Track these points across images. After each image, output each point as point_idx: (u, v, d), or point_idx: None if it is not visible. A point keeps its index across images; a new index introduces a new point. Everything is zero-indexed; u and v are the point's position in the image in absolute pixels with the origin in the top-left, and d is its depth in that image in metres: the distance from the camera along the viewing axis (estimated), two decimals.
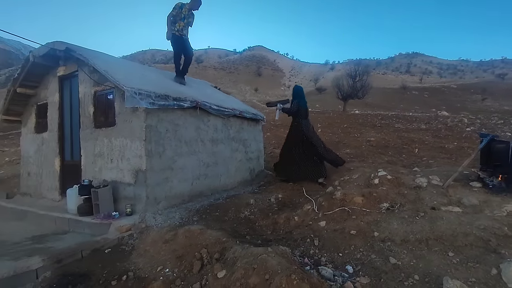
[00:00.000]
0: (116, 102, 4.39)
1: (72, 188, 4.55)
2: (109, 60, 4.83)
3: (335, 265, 2.94)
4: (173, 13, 5.44)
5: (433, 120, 15.93)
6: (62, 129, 5.39)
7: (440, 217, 3.38)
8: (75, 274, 3.06)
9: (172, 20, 5.45)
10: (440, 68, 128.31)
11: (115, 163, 4.40)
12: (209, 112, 5.08)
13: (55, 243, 3.71)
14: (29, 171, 6.05)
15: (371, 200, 3.96)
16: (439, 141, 9.85)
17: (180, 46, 5.62)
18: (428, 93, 58.70)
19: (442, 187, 4.13)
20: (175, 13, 5.46)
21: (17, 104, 6.05)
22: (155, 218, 4.03)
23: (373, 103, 43.57)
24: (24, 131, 6.24)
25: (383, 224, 3.45)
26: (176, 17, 5.47)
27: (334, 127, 14.68)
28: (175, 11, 5.46)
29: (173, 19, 5.45)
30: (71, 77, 5.20)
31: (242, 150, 6.12)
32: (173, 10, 5.45)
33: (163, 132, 4.30)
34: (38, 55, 4.92)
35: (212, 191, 5.19)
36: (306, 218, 3.90)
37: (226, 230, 3.64)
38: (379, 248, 3.09)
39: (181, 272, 2.96)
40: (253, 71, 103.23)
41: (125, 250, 3.55)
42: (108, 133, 4.49)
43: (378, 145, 9.81)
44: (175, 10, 5.45)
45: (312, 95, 59.15)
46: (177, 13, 5.47)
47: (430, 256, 2.84)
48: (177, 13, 5.47)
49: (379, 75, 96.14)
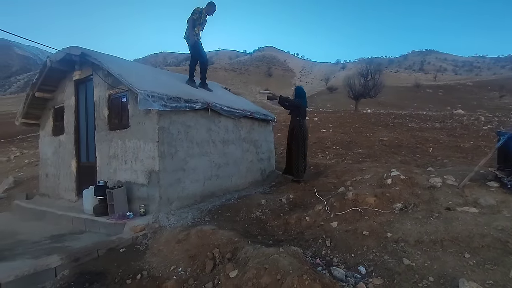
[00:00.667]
0: (130, 105, 4.49)
1: (88, 189, 4.67)
2: (122, 64, 4.94)
3: (347, 266, 2.92)
4: (193, 17, 5.52)
5: (448, 118, 15.57)
6: (78, 132, 5.55)
7: (456, 218, 3.31)
8: (92, 273, 3.15)
9: (192, 24, 5.54)
10: (455, 65, 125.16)
11: (129, 164, 4.50)
12: (220, 113, 5.13)
13: (72, 243, 3.82)
14: (47, 173, 6.25)
15: (384, 201, 3.90)
16: (454, 140, 9.62)
17: (198, 51, 5.73)
18: (442, 91, 57.35)
19: (457, 187, 4.03)
20: (196, 17, 5.54)
21: (36, 108, 6.27)
22: (168, 218, 4.10)
23: (386, 102, 42.89)
24: (42, 134, 6.45)
25: (396, 224, 3.40)
26: (196, 21, 5.56)
27: (346, 127, 14.55)
28: (196, 16, 5.54)
29: (192, 24, 5.54)
30: (86, 81, 5.34)
31: (253, 150, 6.14)
32: (193, 15, 5.53)
33: (175, 134, 4.37)
34: (55, 60, 5.08)
35: (224, 191, 5.23)
36: (318, 219, 3.89)
37: (237, 230, 3.66)
38: (392, 249, 3.05)
39: (194, 272, 3.00)
40: (263, 71, 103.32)
41: (139, 250, 3.63)
42: (122, 135, 4.59)
43: (391, 145, 9.67)
44: (195, 15, 5.53)
45: (323, 95, 58.74)
46: (197, 18, 5.57)
47: (445, 258, 2.78)
48: (197, 18, 5.57)
49: (391, 74, 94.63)
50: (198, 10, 5.58)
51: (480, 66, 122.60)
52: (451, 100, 46.46)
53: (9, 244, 3.90)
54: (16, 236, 4.28)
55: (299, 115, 5.67)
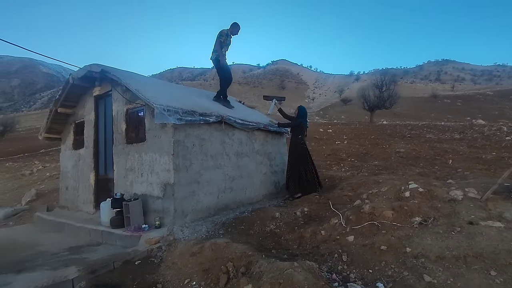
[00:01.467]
0: (147, 119, 4.62)
1: (105, 202, 4.78)
2: (140, 80, 5.12)
3: (365, 282, 2.83)
4: (220, 40, 5.75)
5: (468, 129, 15.10)
6: (97, 145, 5.73)
7: (479, 233, 3.16)
8: (108, 285, 3.18)
9: (219, 47, 5.77)
10: (474, 75, 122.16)
11: (145, 177, 4.58)
12: (233, 126, 5.18)
13: (89, 254, 3.89)
14: (67, 185, 6.45)
15: (402, 214, 3.78)
16: (475, 151, 9.28)
17: (226, 71, 6.02)
18: (461, 101, 55.90)
19: (480, 200, 3.86)
20: (222, 40, 5.78)
21: (58, 123, 6.54)
22: (182, 231, 4.12)
23: (402, 113, 42.13)
24: (63, 148, 6.70)
25: (415, 239, 3.28)
26: (222, 44, 5.80)
27: (361, 139, 14.35)
28: (222, 38, 5.77)
29: (219, 46, 5.77)
30: (106, 96, 5.55)
31: (267, 163, 6.14)
32: (220, 37, 5.76)
33: (190, 147, 4.44)
34: (77, 77, 5.33)
35: (238, 204, 5.22)
36: (333, 233, 3.80)
37: (251, 244, 3.63)
38: (412, 264, 2.93)
39: (208, 286, 2.98)
40: (276, 84, 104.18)
41: (154, 262, 3.65)
42: (138, 148, 4.71)
43: (408, 157, 9.43)
44: (222, 37, 5.77)
45: (337, 107, 58.41)
46: (224, 40, 5.81)
47: (469, 275, 2.65)
48: (224, 40, 5.81)
49: (407, 84, 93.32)
50: (224, 32, 5.79)
51: (500, 75, 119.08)
52: (470, 110, 45.15)
53: (30, 255, 4.01)
54: (37, 248, 4.39)
55: (301, 133, 5.90)
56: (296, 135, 5.88)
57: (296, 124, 5.96)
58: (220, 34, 5.77)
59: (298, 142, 5.79)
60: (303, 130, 5.94)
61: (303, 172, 5.63)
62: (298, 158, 5.71)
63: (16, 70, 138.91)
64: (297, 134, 5.86)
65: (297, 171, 5.65)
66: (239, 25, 5.95)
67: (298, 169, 5.65)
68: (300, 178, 5.61)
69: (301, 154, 5.75)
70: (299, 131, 5.88)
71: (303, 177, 5.61)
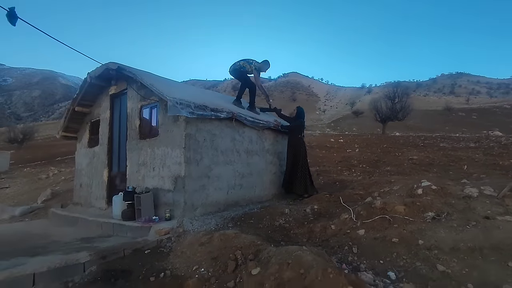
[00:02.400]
0: (160, 114, 4.74)
1: (117, 195, 4.86)
2: (154, 77, 5.29)
3: (375, 272, 2.77)
4: (254, 70, 6.06)
5: (483, 139, 14.70)
6: (111, 143, 5.88)
7: (496, 226, 3.07)
8: (117, 270, 3.21)
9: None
10: (490, 88, 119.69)
11: (157, 171, 4.66)
12: (244, 123, 5.24)
13: (100, 244, 3.93)
14: (81, 183, 6.60)
15: (414, 210, 3.71)
16: (492, 159, 9.02)
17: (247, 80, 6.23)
18: (476, 114, 54.66)
19: (496, 197, 3.75)
20: (251, 70, 6.07)
21: (75, 122, 6.77)
22: (192, 223, 4.14)
23: (415, 126, 41.45)
24: (79, 146, 6.90)
25: (428, 232, 3.20)
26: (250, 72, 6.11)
27: (373, 147, 14.16)
28: (251, 68, 6.06)
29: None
30: (121, 95, 5.74)
31: (277, 163, 6.14)
32: (254, 68, 6.05)
33: (201, 141, 4.51)
34: (94, 76, 5.54)
35: (247, 201, 5.22)
36: (344, 227, 3.75)
37: (260, 236, 3.62)
38: (425, 256, 2.86)
39: (216, 272, 2.97)
40: (287, 96, 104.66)
41: (163, 252, 3.67)
42: (151, 143, 4.81)
43: (421, 163, 9.24)
44: (251, 68, 6.05)
45: (349, 119, 57.98)
46: (252, 71, 6.11)
47: (485, 266, 2.57)
48: (252, 71, 6.11)
49: (419, 97, 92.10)
50: (254, 66, 6.06)
51: None
52: (486, 124, 43.97)
53: (43, 243, 4.09)
54: (50, 238, 4.48)
55: (301, 132, 6.14)
56: (296, 135, 6.03)
57: (296, 125, 6.16)
58: (257, 68, 6.03)
59: (299, 141, 5.94)
60: (303, 130, 6.18)
61: (308, 172, 5.80)
62: (301, 157, 5.81)
63: (37, 82, 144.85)
64: (298, 133, 6.04)
65: (301, 170, 5.71)
66: (270, 64, 6.20)
67: (303, 168, 5.73)
68: (305, 178, 5.70)
69: (304, 153, 5.89)
70: (299, 130, 6.08)
71: (307, 177, 5.75)
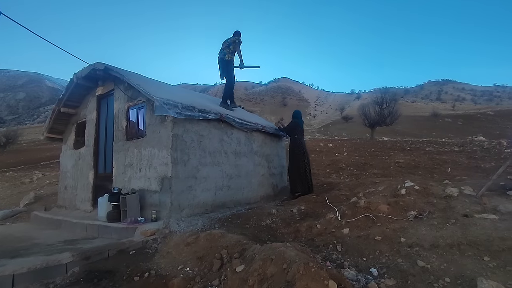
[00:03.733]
0: (147, 115, 4.72)
1: (103, 197, 4.80)
2: (141, 78, 5.27)
3: (358, 269, 2.82)
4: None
5: (467, 144, 15.12)
6: (97, 144, 5.81)
7: (474, 224, 3.17)
8: (101, 271, 3.17)
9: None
10: (474, 95, 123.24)
11: (143, 172, 4.63)
12: (232, 125, 5.27)
13: (84, 245, 3.86)
14: (66, 185, 6.48)
15: (397, 209, 3.79)
16: (474, 162, 9.29)
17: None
18: (462, 120, 56.08)
19: (475, 196, 3.88)
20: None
21: (60, 123, 6.66)
22: (178, 224, 4.12)
23: (403, 131, 42.21)
24: (64, 148, 6.78)
25: (410, 230, 3.28)
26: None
27: (361, 151, 14.36)
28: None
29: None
30: (108, 95, 5.69)
31: (265, 165, 6.18)
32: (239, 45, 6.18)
33: (188, 142, 4.51)
34: (81, 76, 5.48)
35: (235, 203, 5.23)
36: (329, 226, 3.80)
37: (247, 235, 3.63)
38: (406, 252, 2.92)
39: (201, 271, 2.97)
40: (278, 101, 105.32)
41: (149, 253, 3.64)
42: (138, 144, 4.78)
43: (407, 166, 9.43)
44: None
45: (338, 124, 58.64)
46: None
47: (462, 260, 2.65)
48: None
49: (407, 103, 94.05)
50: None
51: (500, 95, 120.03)
52: (471, 130, 45.13)
53: (25, 246, 4.00)
54: (32, 240, 4.37)
55: (297, 133, 6.24)
56: (293, 136, 6.16)
57: (291, 126, 6.31)
58: (239, 41, 6.11)
59: (295, 142, 6.00)
60: (299, 130, 6.24)
61: (303, 172, 5.80)
62: (298, 157, 5.89)
63: (22, 84, 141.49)
64: (294, 134, 6.17)
65: (297, 170, 5.79)
66: (240, 32, 6.33)
67: (299, 168, 5.80)
68: (300, 177, 5.77)
69: (299, 153, 5.95)
70: (294, 131, 6.21)
71: (303, 176, 5.78)
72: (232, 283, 2.42)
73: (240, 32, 6.28)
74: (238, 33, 6.25)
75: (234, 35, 6.22)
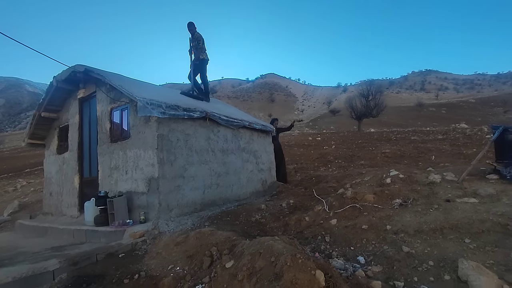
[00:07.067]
0: (131, 116, 4.65)
1: (89, 201, 4.71)
2: (124, 79, 5.18)
3: (346, 258, 2.88)
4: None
5: (451, 131, 15.53)
6: (81, 148, 5.69)
7: (455, 208, 3.28)
8: (90, 275, 3.13)
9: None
10: (456, 84, 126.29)
11: (130, 174, 4.57)
12: (218, 123, 5.25)
13: (72, 251, 3.80)
14: (51, 191, 6.33)
15: (383, 197, 3.88)
16: (457, 149, 9.56)
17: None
18: (445, 109, 57.50)
19: (457, 182, 4.00)
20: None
21: (42, 128, 6.49)
22: (167, 224, 4.10)
23: (389, 122, 42.97)
24: (47, 153, 6.62)
25: (395, 218, 3.37)
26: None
27: (348, 143, 14.56)
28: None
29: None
30: (90, 98, 5.58)
31: (253, 161, 6.19)
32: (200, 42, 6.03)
33: (174, 141, 4.47)
34: (61, 79, 5.34)
35: (224, 200, 5.23)
36: (317, 218, 3.85)
37: (236, 231, 3.64)
38: (392, 239, 3.00)
39: (192, 269, 2.97)
40: (266, 97, 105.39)
41: (138, 254, 3.60)
42: (123, 146, 4.71)
43: (393, 156, 9.62)
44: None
45: (326, 118, 59.19)
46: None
47: (445, 244, 2.74)
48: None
49: (393, 94, 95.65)
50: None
51: (481, 83, 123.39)
52: (455, 118, 46.34)
53: (10, 255, 3.90)
54: (17, 249, 4.27)
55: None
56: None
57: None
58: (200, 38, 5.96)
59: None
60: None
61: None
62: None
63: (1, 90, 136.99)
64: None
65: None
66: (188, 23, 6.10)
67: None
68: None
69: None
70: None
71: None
72: (222, 279, 2.43)
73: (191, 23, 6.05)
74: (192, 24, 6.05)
75: (194, 28, 5.99)
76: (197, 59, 5.97)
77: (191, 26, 5.95)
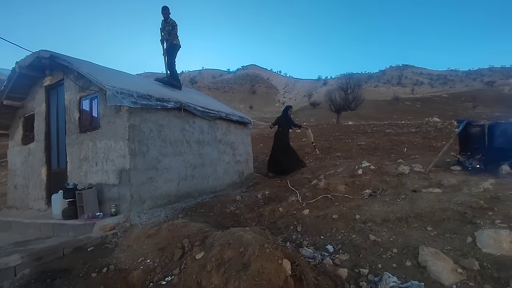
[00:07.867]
0: (101, 105, 4.47)
1: (57, 194, 4.53)
2: (93, 66, 4.95)
3: (316, 247, 2.94)
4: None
5: (424, 125, 16.13)
6: (49, 138, 5.43)
7: (420, 198, 3.41)
8: (55, 270, 3.03)
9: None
10: (431, 79, 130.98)
11: (100, 165, 4.42)
12: (194, 113, 5.16)
13: (36, 245, 3.65)
14: (15, 184, 6.02)
15: (354, 188, 3.99)
16: (428, 142, 9.97)
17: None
18: (420, 103, 59.61)
19: (424, 173, 4.17)
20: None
21: (4, 117, 6.11)
22: (139, 217, 4.02)
23: (367, 115, 44.03)
24: (11, 144, 6.26)
25: (364, 207, 3.47)
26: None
27: (326, 136, 14.80)
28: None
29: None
30: (57, 86, 5.30)
31: (230, 152, 6.16)
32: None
33: (146, 132, 4.36)
34: (24, 65, 5.02)
35: (200, 192, 5.19)
36: (291, 209, 3.91)
37: (210, 223, 3.64)
38: (360, 228, 3.09)
39: (162, 262, 2.94)
40: (247, 89, 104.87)
41: (108, 248, 3.52)
42: (93, 136, 4.54)
43: (368, 148, 9.90)
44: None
45: (307, 110, 59.79)
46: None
47: (409, 232, 2.85)
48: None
49: (371, 88, 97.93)
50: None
51: (453, 79, 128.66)
52: (429, 112, 48.17)
53: None
54: None
55: (281, 126, 7.22)
56: (278, 128, 7.22)
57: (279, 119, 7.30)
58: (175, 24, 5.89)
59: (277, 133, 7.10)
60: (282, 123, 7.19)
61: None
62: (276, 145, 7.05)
63: None
64: (279, 127, 7.17)
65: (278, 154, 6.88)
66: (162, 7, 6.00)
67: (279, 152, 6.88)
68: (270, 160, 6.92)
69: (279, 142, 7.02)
70: (279, 124, 7.21)
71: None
72: (192, 270, 2.42)
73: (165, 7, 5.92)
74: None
75: (168, 12, 5.87)
76: (170, 44, 5.83)
77: (165, 10, 5.81)
